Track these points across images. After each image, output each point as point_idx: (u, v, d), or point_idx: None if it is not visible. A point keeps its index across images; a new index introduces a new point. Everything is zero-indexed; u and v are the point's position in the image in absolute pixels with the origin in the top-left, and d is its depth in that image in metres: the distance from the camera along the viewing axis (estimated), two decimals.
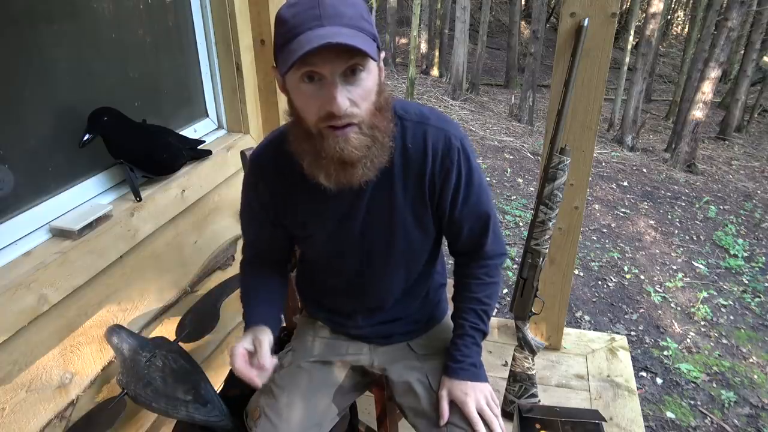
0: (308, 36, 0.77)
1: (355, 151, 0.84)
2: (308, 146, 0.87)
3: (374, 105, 0.85)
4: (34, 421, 1.20)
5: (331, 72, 0.79)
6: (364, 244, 1.05)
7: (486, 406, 1.04)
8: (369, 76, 0.83)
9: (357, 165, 0.86)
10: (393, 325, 1.21)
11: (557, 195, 1.56)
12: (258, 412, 1.13)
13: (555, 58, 1.69)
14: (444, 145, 0.96)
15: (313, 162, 0.88)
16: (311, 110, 0.83)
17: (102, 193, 1.46)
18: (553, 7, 17.41)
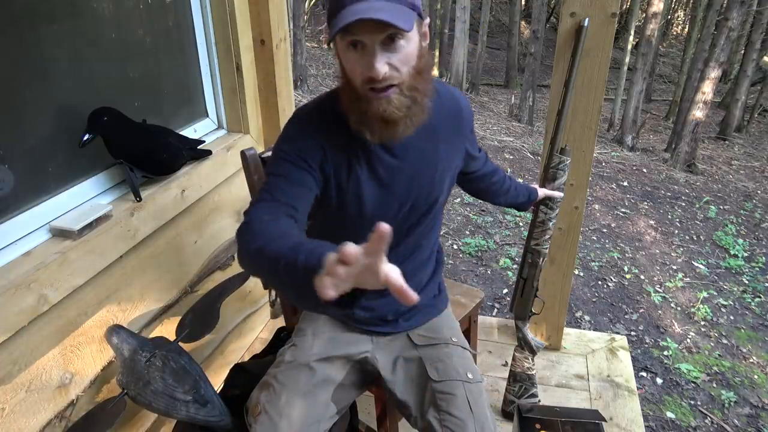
0: (351, 9, 0.86)
1: (396, 111, 0.94)
2: (355, 106, 0.97)
3: (414, 68, 0.94)
4: (34, 421, 1.20)
5: (371, 40, 0.88)
6: (406, 201, 1.12)
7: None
8: (408, 43, 0.91)
9: (398, 123, 0.96)
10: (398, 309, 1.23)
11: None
12: (258, 408, 1.13)
13: (555, 58, 1.69)
14: (466, 104, 1.18)
15: (359, 120, 0.97)
16: (356, 73, 0.93)
17: (102, 193, 1.46)
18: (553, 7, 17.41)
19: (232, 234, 1.93)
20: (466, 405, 1.09)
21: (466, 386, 1.13)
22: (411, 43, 0.91)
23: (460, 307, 1.66)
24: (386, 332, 1.25)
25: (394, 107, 0.93)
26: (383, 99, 0.92)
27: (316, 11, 14.16)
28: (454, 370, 1.15)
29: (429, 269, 1.28)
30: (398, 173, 1.08)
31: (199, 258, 1.75)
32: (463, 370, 1.16)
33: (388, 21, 0.84)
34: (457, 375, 1.14)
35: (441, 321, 1.30)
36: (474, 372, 1.17)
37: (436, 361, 1.18)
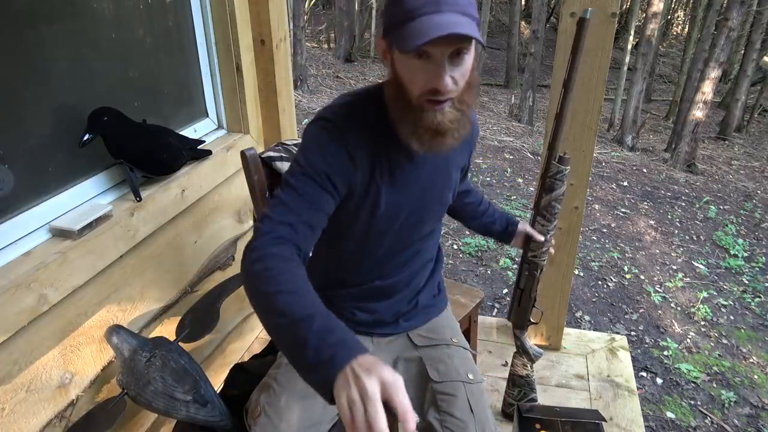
0: (429, 22, 0.84)
1: (449, 123, 0.94)
2: (407, 116, 0.95)
3: (468, 82, 0.94)
4: (34, 421, 1.20)
5: (442, 54, 0.87)
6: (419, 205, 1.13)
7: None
8: (469, 57, 0.91)
9: (447, 135, 0.96)
10: (400, 309, 1.23)
11: (555, 206, 1.43)
12: (258, 410, 1.13)
13: (555, 58, 1.69)
14: (475, 116, 1.14)
15: (410, 130, 0.96)
16: (417, 84, 0.91)
17: (102, 193, 1.46)
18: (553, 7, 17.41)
19: (232, 234, 1.93)
20: (466, 406, 1.09)
21: (466, 387, 1.13)
22: (471, 57, 0.92)
23: (460, 307, 1.66)
24: (386, 333, 1.25)
25: (447, 120, 0.93)
26: (438, 111, 0.92)
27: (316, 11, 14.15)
28: (455, 371, 1.15)
29: (428, 270, 1.28)
30: (414, 182, 1.09)
31: (199, 258, 1.75)
32: (463, 370, 1.16)
33: (474, 36, 0.84)
34: (457, 376, 1.14)
35: (441, 321, 1.30)
36: (474, 372, 1.17)
37: (437, 361, 1.17)
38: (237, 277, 1.64)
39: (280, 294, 0.79)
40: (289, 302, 0.78)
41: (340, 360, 0.70)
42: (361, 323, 1.23)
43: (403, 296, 1.24)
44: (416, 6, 0.85)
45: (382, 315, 1.23)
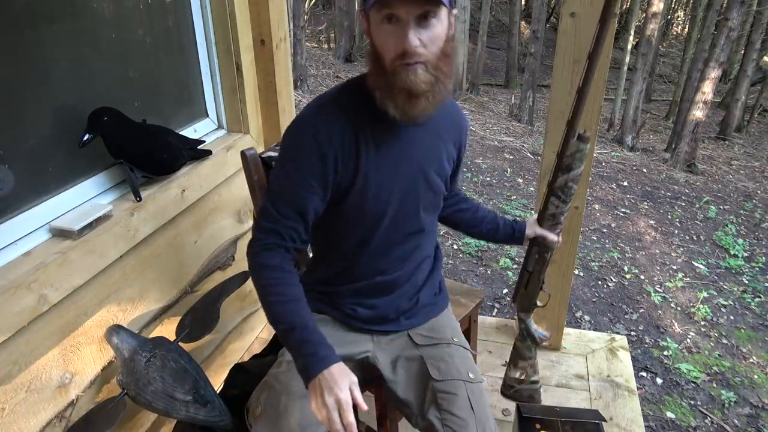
0: None
1: (421, 84, 0.97)
2: (383, 81, 1.00)
3: (441, 50, 0.98)
4: (34, 421, 1.20)
5: (407, 13, 0.92)
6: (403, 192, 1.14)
7: None
8: (439, 23, 0.96)
9: (421, 97, 0.99)
10: (400, 306, 1.23)
11: (572, 187, 1.34)
12: (259, 409, 1.13)
13: (555, 58, 1.69)
14: (467, 122, 1.25)
15: (385, 93, 1.00)
16: (389, 48, 0.96)
17: (102, 193, 1.46)
18: (553, 7, 17.41)
19: (232, 234, 1.93)
20: (467, 404, 1.09)
21: (467, 386, 1.13)
22: (441, 24, 0.96)
23: (460, 307, 1.66)
24: (387, 331, 1.25)
25: (420, 80, 0.96)
26: (410, 71, 0.95)
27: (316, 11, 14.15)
28: (456, 370, 1.15)
29: (427, 268, 1.29)
30: (400, 160, 1.11)
31: (199, 258, 1.75)
32: (464, 369, 1.16)
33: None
34: (458, 375, 1.14)
35: (442, 320, 1.30)
36: (475, 372, 1.18)
37: (438, 360, 1.18)
38: (237, 277, 1.64)
39: (271, 305, 1.04)
40: (279, 312, 1.04)
41: (312, 371, 0.96)
42: (362, 319, 1.24)
43: (403, 293, 1.24)
44: None
45: (382, 311, 1.23)
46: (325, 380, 0.95)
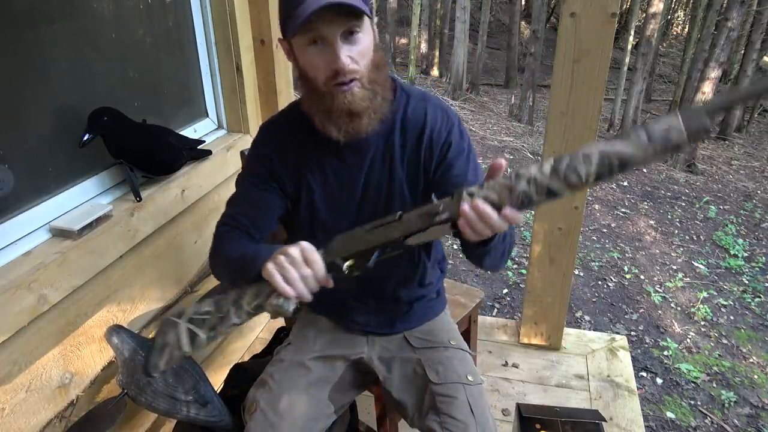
0: (309, 2, 0.87)
1: (360, 102, 0.95)
2: (319, 104, 0.98)
3: (372, 62, 0.96)
4: (34, 421, 1.20)
5: (332, 32, 0.90)
6: (362, 210, 1.11)
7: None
8: (365, 36, 0.93)
9: (363, 115, 0.97)
10: (393, 309, 1.22)
11: None
12: (254, 406, 1.13)
13: (555, 58, 1.69)
14: (442, 120, 1.08)
15: (324, 118, 0.99)
16: (319, 70, 0.94)
17: (102, 193, 1.46)
18: (553, 7, 17.41)
19: None
20: (467, 407, 1.08)
21: (466, 389, 1.12)
22: (367, 36, 0.94)
23: (460, 307, 1.66)
24: (382, 333, 1.24)
25: (359, 99, 0.95)
26: (347, 92, 0.94)
27: None
28: (454, 373, 1.14)
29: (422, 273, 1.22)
30: (353, 184, 1.09)
31: (199, 258, 1.75)
32: (463, 372, 1.15)
33: (354, 4, 0.86)
34: (457, 377, 1.13)
35: (438, 324, 1.28)
36: (474, 374, 1.16)
37: (436, 363, 1.17)
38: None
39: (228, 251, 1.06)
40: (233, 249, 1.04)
41: (267, 254, 0.91)
42: (356, 321, 1.24)
43: (391, 299, 1.21)
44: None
45: (374, 316, 1.22)
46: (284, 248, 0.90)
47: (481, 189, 0.79)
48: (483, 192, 0.79)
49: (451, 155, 1.07)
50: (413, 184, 1.10)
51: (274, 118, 1.16)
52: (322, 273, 0.89)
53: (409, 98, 1.08)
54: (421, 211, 0.85)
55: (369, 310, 1.22)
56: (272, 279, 0.87)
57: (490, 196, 0.78)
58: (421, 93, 1.11)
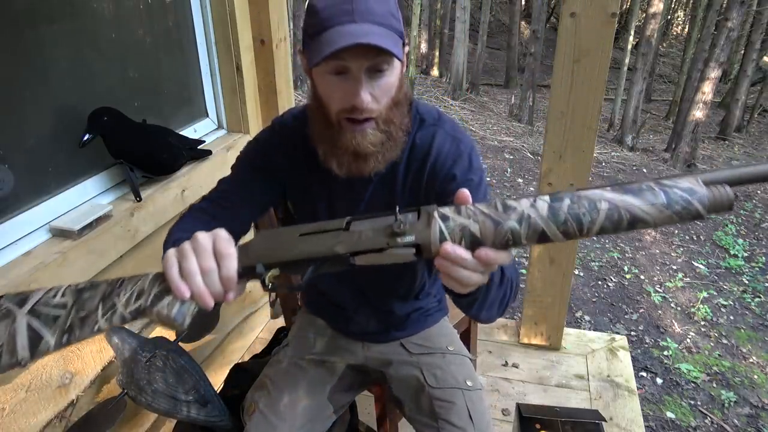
0: (340, 31, 0.79)
1: (370, 146, 0.88)
2: (326, 134, 0.91)
3: (393, 100, 0.89)
4: (34, 421, 1.20)
5: (358, 68, 0.82)
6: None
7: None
8: (392, 73, 0.86)
9: (369, 158, 0.90)
10: (391, 317, 1.20)
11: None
12: (253, 407, 1.13)
13: (555, 58, 1.69)
14: (449, 149, 0.99)
15: (329, 150, 0.92)
16: (334, 100, 0.87)
17: (102, 193, 1.46)
18: (553, 7, 17.41)
19: None
20: (465, 413, 1.07)
21: (465, 394, 1.11)
22: (394, 72, 0.87)
23: None
24: (378, 341, 1.23)
25: (368, 142, 0.88)
26: (357, 132, 0.87)
27: None
28: (453, 378, 1.13)
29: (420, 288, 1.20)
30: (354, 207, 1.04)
31: None
32: (461, 377, 1.14)
33: (386, 48, 0.78)
34: (455, 383, 1.12)
35: (436, 330, 1.26)
36: (473, 379, 1.15)
37: (434, 368, 1.15)
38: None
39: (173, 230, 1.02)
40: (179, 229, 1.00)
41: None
42: (351, 330, 1.23)
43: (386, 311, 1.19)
44: (329, 16, 0.81)
45: (370, 323, 1.21)
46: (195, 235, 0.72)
47: (457, 213, 0.64)
48: (461, 219, 0.63)
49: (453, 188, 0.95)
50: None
51: (290, 120, 1.08)
52: (231, 273, 0.69)
53: (422, 123, 1.00)
54: (377, 224, 0.69)
55: (364, 318, 1.20)
56: (165, 270, 0.68)
57: (470, 228, 0.63)
58: (436, 117, 1.02)
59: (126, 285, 0.71)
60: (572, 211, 0.61)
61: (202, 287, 0.67)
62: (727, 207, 0.61)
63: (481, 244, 0.63)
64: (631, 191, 0.60)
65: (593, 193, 0.61)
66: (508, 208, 0.62)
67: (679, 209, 0.60)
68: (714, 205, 0.60)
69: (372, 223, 0.69)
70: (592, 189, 0.62)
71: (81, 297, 0.70)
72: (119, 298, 0.70)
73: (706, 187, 0.60)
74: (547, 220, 0.61)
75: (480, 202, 0.65)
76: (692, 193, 0.59)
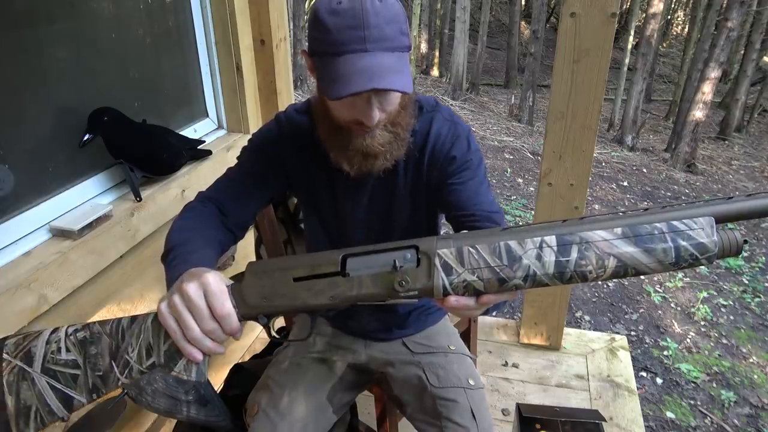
0: (354, 63, 0.80)
1: (379, 147, 0.91)
2: (336, 139, 0.93)
3: (400, 105, 0.92)
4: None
5: (369, 94, 0.84)
6: (367, 224, 1.09)
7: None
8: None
9: (379, 157, 0.93)
10: (393, 316, 1.21)
11: None
12: (255, 408, 1.13)
13: (555, 59, 1.69)
14: (447, 132, 1.01)
15: (339, 153, 0.94)
16: (343, 113, 0.89)
17: (102, 193, 1.46)
18: (553, 7, 17.41)
19: None
20: (468, 412, 1.08)
21: (468, 393, 1.11)
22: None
23: None
24: (380, 339, 1.23)
25: (377, 143, 0.91)
26: (367, 135, 0.90)
27: None
28: (455, 377, 1.14)
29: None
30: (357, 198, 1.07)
31: None
32: (464, 376, 1.14)
33: (400, 90, 0.81)
34: (458, 382, 1.13)
35: (437, 329, 1.27)
36: (475, 378, 1.16)
37: (437, 367, 1.16)
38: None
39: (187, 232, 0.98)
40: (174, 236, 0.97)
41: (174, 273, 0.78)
42: (353, 326, 1.23)
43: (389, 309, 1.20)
44: (341, 41, 0.80)
45: (371, 322, 1.21)
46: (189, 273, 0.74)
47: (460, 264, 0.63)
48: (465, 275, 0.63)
49: (452, 169, 1.00)
50: (416, 200, 1.06)
51: (296, 114, 1.08)
52: (234, 327, 0.72)
53: (420, 110, 1.03)
54: (377, 274, 0.67)
55: (366, 317, 1.21)
56: (171, 334, 0.71)
57: (474, 285, 0.63)
58: (433, 104, 1.05)
59: (129, 338, 0.72)
60: (579, 269, 0.60)
61: (211, 345, 0.71)
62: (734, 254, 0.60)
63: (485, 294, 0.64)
64: (642, 242, 0.59)
65: (602, 242, 0.60)
66: (513, 258, 0.61)
67: (685, 265, 0.59)
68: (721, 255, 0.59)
69: (370, 266, 0.67)
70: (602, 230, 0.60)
71: (88, 353, 0.71)
72: (129, 355, 0.72)
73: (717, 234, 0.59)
74: (553, 277, 0.61)
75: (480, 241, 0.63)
76: (704, 251, 0.58)
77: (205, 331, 0.70)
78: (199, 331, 0.70)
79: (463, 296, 0.65)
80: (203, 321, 0.70)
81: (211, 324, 0.70)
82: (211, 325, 0.70)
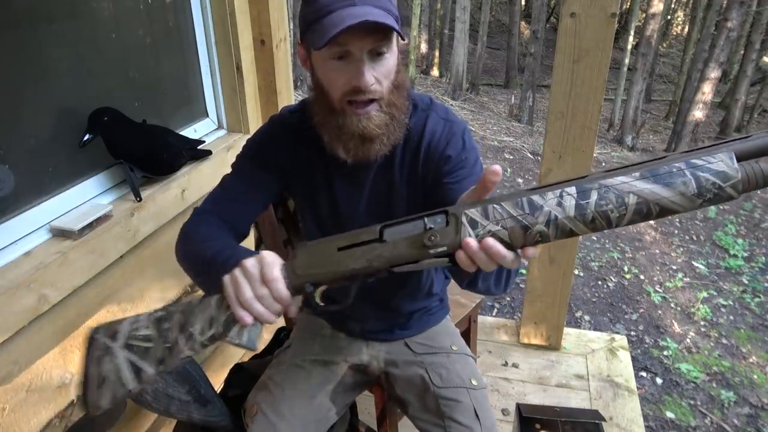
0: (341, 14, 0.82)
1: (375, 128, 0.91)
2: (331, 121, 0.93)
3: (393, 83, 0.92)
4: (34, 421, 1.20)
5: (360, 49, 0.85)
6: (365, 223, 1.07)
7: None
8: (391, 56, 0.89)
9: (375, 141, 0.92)
10: (394, 318, 1.21)
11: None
12: (255, 409, 1.13)
13: (555, 59, 1.69)
14: (442, 130, 1.01)
15: (334, 137, 0.94)
16: (337, 84, 0.89)
17: (102, 193, 1.46)
18: (553, 7, 17.41)
19: None
20: (471, 411, 1.08)
21: (471, 393, 1.11)
22: (393, 55, 0.90)
23: (460, 307, 1.66)
24: (382, 339, 1.23)
25: (374, 125, 0.90)
26: (363, 116, 0.89)
27: None
28: (458, 377, 1.14)
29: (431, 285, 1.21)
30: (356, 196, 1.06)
31: None
32: (466, 376, 1.15)
33: (391, 25, 0.82)
34: (461, 382, 1.13)
35: (439, 329, 1.27)
36: (478, 378, 1.16)
37: (439, 367, 1.16)
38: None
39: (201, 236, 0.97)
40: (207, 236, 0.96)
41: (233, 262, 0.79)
42: (355, 327, 1.23)
43: (392, 310, 1.20)
44: (328, 2, 0.83)
45: (374, 322, 1.21)
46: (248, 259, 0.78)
47: (485, 218, 0.65)
48: (490, 226, 0.65)
49: (448, 168, 0.99)
50: (412, 198, 1.05)
51: (287, 114, 1.10)
52: (284, 294, 0.76)
53: (415, 109, 1.02)
54: (410, 236, 0.71)
55: (368, 317, 1.20)
56: (228, 300, 0.77)
57: (499, 234, 0.65)
58: (428, 102, 1.05)
59: (197, 313, 0.80)
60: (600, 209, 0.60)
61: (261, 310, 0.75)
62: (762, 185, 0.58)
63: (511, 247, 0.65)
64: (661, 179, 0.58)
65: (622, 184, 0.60)
66: (535, 207, 0.63)
67: (711, 197, 0.57)
68: (748, 187, 0.57)
69: (404, 234, 0.72)
70: (621, 175, 0.61)
71: (162, 328, 0.81)
72: (194, 328, 0.79)
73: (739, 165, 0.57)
74: (575, 220, 0.62)
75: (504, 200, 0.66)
76: (726, 178, 0.57)
77: (256, 295, 0.75)
78: (251, 294, 0.75)
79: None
80: (255, 285, 0.75)
81: (262, 289, 0.75)
82: (262, 290, 0.75)
